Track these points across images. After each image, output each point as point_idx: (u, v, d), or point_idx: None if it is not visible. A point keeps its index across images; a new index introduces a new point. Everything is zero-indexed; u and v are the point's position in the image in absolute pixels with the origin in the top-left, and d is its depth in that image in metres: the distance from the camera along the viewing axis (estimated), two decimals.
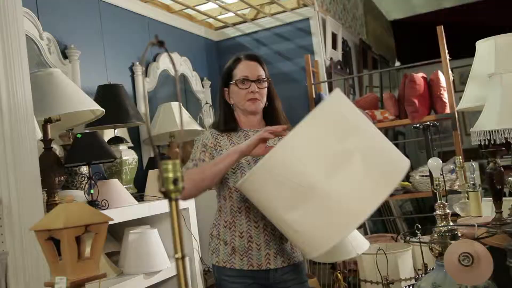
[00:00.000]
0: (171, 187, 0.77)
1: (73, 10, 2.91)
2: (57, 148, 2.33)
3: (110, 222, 1.34)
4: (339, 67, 4.42)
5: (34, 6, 2.61)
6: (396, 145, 6.17)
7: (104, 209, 2.09)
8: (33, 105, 1.61)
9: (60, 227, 1.20)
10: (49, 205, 1.90)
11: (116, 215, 1.94)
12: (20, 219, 1.41)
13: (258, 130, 1.77)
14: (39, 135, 1.81)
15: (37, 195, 1.49)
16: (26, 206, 1.43)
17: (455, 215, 2.26)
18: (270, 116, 1.86)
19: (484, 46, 2.11)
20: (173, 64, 0.84)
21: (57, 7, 2.79)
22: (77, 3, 2.94)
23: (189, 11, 3.94)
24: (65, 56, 2.74)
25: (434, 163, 1.78)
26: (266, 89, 1.82)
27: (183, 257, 0.77)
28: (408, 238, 2.41)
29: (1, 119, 1.42)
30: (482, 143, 1.67)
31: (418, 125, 2.44)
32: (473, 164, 2.09)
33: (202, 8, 3.89)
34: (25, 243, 1.41)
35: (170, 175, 0.78)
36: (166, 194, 0.78)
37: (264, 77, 1.81)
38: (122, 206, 2.22)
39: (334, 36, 4.38)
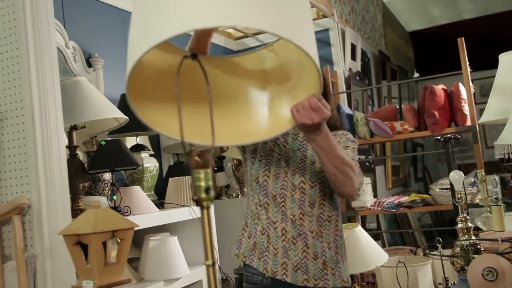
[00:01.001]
0: (203, 195, 0.79)
1: (98, 19, 2.97)
2: (81, 155, 2.37)
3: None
4: (358, 77, 4.43)
5: (61, 16, 2.67)
6: (415, 157, 6.15)
7: (126, 215, 2.11)
8: None
9: (88, 232, 1.22)
10: (74, 211, 1.93)
11: (138, 222, 1.96)
12: (49, 224, 1.45)
13: None
14: (65, 141, 1.85)
15: (65, 200, 1.53)
16: (55, 211, 1.47)
17: (476, 229, 2.24)
18: None
19: (507, 59, 2.11)
20: (205, 75, 0.86)
21: (82, 17, 2.86)
22: (102, 13, 3.01)
23: None
24: (89, 65, 2.79)
25: (456, 176, 1.78)
26: None
27: (213, 264, 0.78)
28: (429, 251, 2.40)
29: (33, 126, 1.46)
30: (506, 157, 1.66)
31: (439, 137, 2.43)
32: (495, 177, 2.08)
33: None
34: (53, 247, 1.44)
35: (202, 183, 0.79)
36: (198, 202, 0.79)
37: None
38: (144, 213, 2.25)
39: (353, 47, 4.39)
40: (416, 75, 7.14)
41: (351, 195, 1.57)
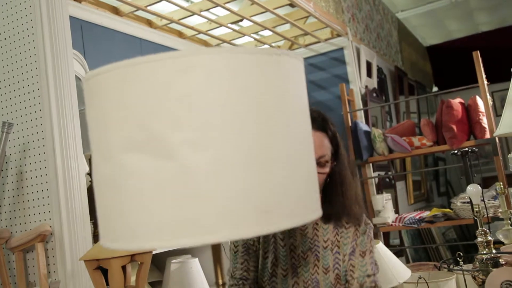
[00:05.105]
0: None
1: (117, 49, 3.06)
2: None
3: (153, 252, 1.40)
4: (374, 94, 4.43)
5: (81, 46, 2.77)
6: (437, 171, 6.07)
7: None
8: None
9: (108, 256, 1.26)
10: (96, 236, 1.98)
11: None
12: (71, 250, 1.49)
13: None
14: (86, 169, 1.91)
15: (86, 227, 1.57)
16: (76, 237, 1.51)
17: (499, 243, 2.21)
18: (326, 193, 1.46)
19: None
20: None
21: (102, 47, 2.95)
22: (121, 42, 3.10)
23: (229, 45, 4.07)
24: None
25: (473, 189, 1.77)
26: (328, 169, 1.40)
27: (223, 284, 0.81)
28: (451, 266, 2.38)
29: (54, 155, 1.53)
30: None
31: (455, 151, 2.42)
32: None
33: (239, 41, 4.01)
34: (75, 273, 1.48)
35: None
36: None
37: (328, 158, 1.38)
38: None
39: (368, 65, 4.41)
40: (435, 89, 7.10)
41: None
